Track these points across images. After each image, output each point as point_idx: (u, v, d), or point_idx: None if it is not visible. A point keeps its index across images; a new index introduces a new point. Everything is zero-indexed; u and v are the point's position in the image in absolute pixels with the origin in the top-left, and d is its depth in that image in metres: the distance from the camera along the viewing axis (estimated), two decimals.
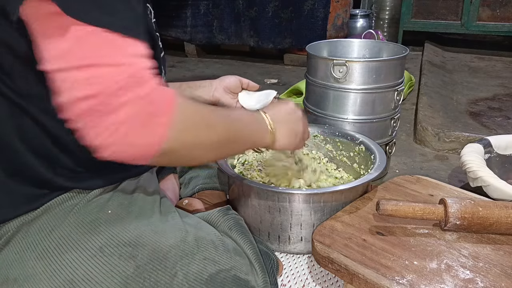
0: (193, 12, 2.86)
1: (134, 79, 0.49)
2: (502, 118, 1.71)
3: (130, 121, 0.49)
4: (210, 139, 0.58)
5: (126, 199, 0.69)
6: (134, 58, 0.50)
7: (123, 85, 0.48)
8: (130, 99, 0.49)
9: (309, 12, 2.55)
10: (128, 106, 0.49)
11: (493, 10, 2.77)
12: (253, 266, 0.72)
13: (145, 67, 0.51)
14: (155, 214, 0.70)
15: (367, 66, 1.11)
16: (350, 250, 0.71)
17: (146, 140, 0.51)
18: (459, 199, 0.75)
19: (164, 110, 0.51)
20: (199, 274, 0.64)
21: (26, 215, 0.62)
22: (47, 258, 0.60)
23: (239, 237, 0.76)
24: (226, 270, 0.67)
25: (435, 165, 1.41)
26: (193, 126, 0.56)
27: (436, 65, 2.47)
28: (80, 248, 0.61)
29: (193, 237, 0.68)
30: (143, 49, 0.52)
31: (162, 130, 0.51)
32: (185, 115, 0.54)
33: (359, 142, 1.06)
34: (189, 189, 1.03)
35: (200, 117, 0.57)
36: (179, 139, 0.53)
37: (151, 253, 0.63)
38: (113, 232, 0.63)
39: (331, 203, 0.86)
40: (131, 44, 0.50)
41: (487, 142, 1.14)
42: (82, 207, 0.64)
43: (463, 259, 0.68)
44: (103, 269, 0.60)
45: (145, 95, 0.50)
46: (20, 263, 0.60)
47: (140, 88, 0.50)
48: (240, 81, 0.95)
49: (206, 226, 0.74)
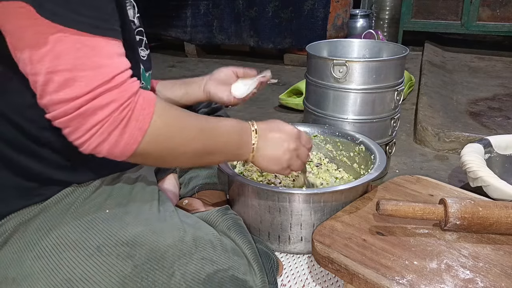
0: (193, 12, 2.86)
1: (111, 82, 0.51)
2: (502, 118, 1.71)
3: (108, 124, 0.51)
4: (184, 148, 0.61)
5: (124, 197, 0.69)
6: (110, 60, 0.51)
7: (101, 89, 0.50)
8: (108, 102, 0.51)
9: (309, 12, 2.55)
10: (107, 109, 0.51)
11: (493, 10, 2.77)
12: (251, 266, 0.72)
13: (122, 68, 0.52)
14: (153, 213, 0.70)
15: (367, 66, 1.11)
16: (350, 250, 0.71)
17: (122, 142, 0.53)
18: (459, 199, 0.75)
19: (141, 115, 0.54)
20: (196, 274, 0.64)
21: (22, 213, 0.62)
22: (45, 258, 0.60)
23: (238, 237, 0.75)
24: (224, 270, 0.67)
25: (435, 165, 1.41)
26: (168, 133, 0.58)
27: (436, 65, 2.47)
28: (78, 248, 0.61)
29: (191, 237, 0.68)
30: (119, 49, 0.53)
31: (138, 134, 0.54)
32: (162, 122, 0.56)
33: (359, 142, 1.06)
34: (189, 189, 1.03)
35: (176, 125, 0.59)
36: (152, 145, 0.56)
37: (149, 253, 0.63)
38: (111, 231, 0.63)
39: (331, 203, 0.86)
40: (107, 45, 0.51)
41: (487, 142, 1.14)
42: (79, 206, 0.64)
43: (463, 259, 0.68)
44: (100, 269, 0.60)
45: (123, 99, 0.51)
46: (18, 262, 0.60)
47: (117, 91, 0.51)
48: (235, 71, 0.96)
49: (204, 226, 0.74)
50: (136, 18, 0.70)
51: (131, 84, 0.53)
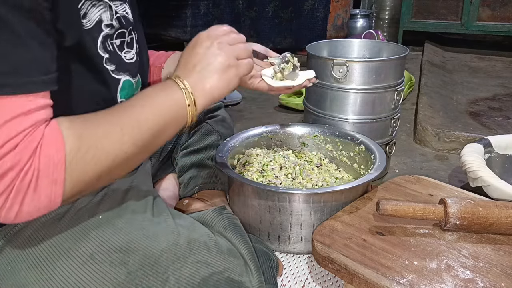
0: (193, 12, 2.86)
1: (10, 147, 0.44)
2: (502, 118, 1.71)
3: (13, 195, 0.45)
4: (119, 160, 0.53)
5: (117, 202, 0.68)
6: (8, 122, 0.44)
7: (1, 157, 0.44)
8: (9, 168, 0.44)
9: (309, 12, 2.55)
10: (8, 178, 0.45)
11: (493, 10, 2.77)
12: (248, 266, 0.71)
13: (14, 132, 0.45)
14: (147, 217, 0.69)
15: (367, 66, 1.11)
16: (350, 250, 0.71)
17: (42, 204, 0.48)
18: (459, 199, 0.75)
19: (51, 167, 0.47)
20: (191, 278, 0.64)
21: (13, 224, 0.60)
22: (39, 267, 0.59)
23: (234, 237, 0.75)
24: (219, 272, 0.66)
25: (435, 165, 1.41)
26: (92, 162, 0.50)
27: (436, 65, 2.47)
28: (71, 256, 0.60)
29: (185, 240, 0.68)
30: (28, 104, 0.46)
31: (56, 189, 0.48)
32: (79, 158, 0.49)
33: (359, 142, 1.06)
34: (189, 189, 1.03)
35: (97, 147, 0.51)
36: (80, 184, 0.50)
37: (143, 259, 0.63)
38: (104, 238, 0.62)
39: (331, 203, 0.86)
40: (7, 104, 0.45)
41: (487, 142, 1.14)
42: (72, 214, 0.63)
43: (463, 259, 0.68)
44: (94, 277, 0.60)
45: (21, 163, 0.45)
46: (12, 273, 0.59)
47: (12, 155, 0.45)
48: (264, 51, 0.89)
49: (199, 227, 0.74)
50: (115, 19, 0.61)
51: (28, 140, 0.45)
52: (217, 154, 0.96)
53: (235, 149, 1.05)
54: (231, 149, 1.03)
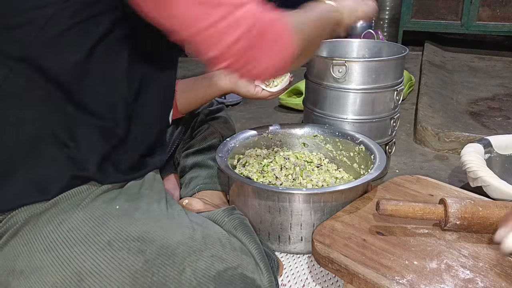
0: None
1: (258, 12, 0.56)
2: (502, 118, 1.71)
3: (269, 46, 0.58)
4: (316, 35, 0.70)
5: (133, 196, 0.69)
6: None
7: (253, 20, 0.55)
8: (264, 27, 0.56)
9: None
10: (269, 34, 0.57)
11: (493, 10, 2.77)
12: (258, 266, 0.72)
13: None
14: (162, 211, 0.70)
15: (367, 66, 1.11)
16: (350, 250, 0.71)
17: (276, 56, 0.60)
18: (459, 199, 0.75)
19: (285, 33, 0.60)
20: (207, 271, 0.65)
21: (34, 207, 0.62)
22: (55, 251, 0.60)
23: (244, 237, 0.75)
24: (233, 268, 0.67)
25: (435, 165, 1.41)
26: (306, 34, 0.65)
27: (436, 65, 2.47)
28: (89, 242, 0.61)
29: (200, 235, 0.68)
30: None
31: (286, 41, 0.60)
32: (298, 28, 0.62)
33: (359, 142, 1.06)
34: (189, 189, 1.03)
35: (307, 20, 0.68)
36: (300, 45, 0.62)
37: (160, 249, 0.63)
38: (122, 227, 0.63)
39: (331, 203, 0.86)
40: None
41: (487, 142, 1.14)
42: (89, 202, 0.64)
43: (463, 259, 0.68)
44: (111, 263, 0.60)
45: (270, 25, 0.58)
46: (28, 254, 0.60)
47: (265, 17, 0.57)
48: None
49: (212, 225, 0.75)
50: None
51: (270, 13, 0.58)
52: (217, 154, 0.97)
53: (235, 149, 1.05)
54: (231, 149, 1.03)
